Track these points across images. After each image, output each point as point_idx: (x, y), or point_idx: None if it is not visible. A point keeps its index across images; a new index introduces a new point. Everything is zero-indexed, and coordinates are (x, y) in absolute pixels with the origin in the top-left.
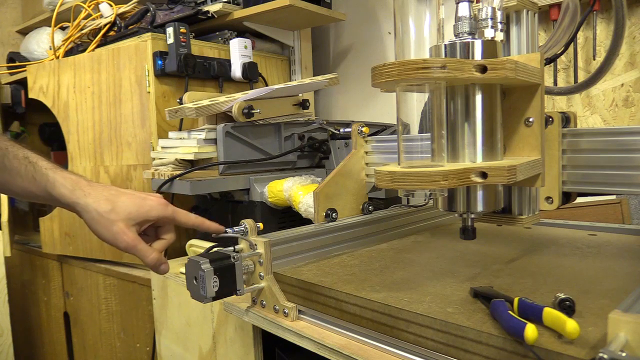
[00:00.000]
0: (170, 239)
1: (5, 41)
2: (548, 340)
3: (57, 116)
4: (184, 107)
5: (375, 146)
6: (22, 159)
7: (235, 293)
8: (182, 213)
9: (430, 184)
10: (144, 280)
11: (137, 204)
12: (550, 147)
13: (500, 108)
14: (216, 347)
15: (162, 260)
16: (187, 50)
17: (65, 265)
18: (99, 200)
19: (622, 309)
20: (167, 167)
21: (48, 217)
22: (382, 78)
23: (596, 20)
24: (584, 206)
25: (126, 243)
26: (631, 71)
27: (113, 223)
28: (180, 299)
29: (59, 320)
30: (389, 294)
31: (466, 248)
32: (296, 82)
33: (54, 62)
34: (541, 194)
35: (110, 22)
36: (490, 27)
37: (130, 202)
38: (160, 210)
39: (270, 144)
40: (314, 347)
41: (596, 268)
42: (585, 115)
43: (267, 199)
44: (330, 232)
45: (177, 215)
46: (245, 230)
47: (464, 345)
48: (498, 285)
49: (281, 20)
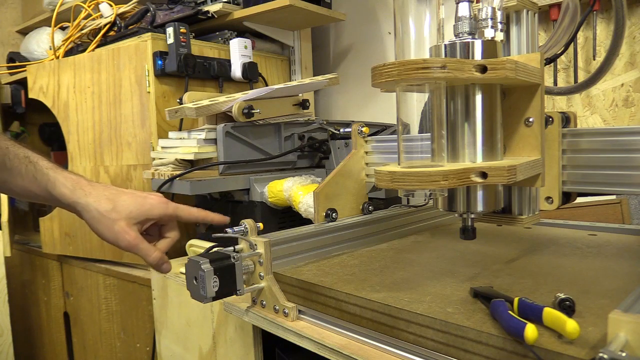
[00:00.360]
0: (174, 238)
1: (5, 41)
2: (548, 340)
3: (57, 116)
4: (184, 107)
5: (375, 146)
6: (23, 158)
7: (235, 293)
8: (184, 209)
9: (430, 184)
10: (144, 280)
11: (138, 202)
12: (550, 147)
13: (500, 108)
14: (216, 347)
15: (164, 259)
16: (187, 50)
17: (65, 265)
18: (100, 200)
19: (622, 309)
20: (167, 167)
21: (48, 217)
22: (382, 78)
23: (596, 20)
24: (584, 206)
25: (128, 242)
26: (631, 71)
27: (114, 222)
28: (180, 299)
29: (59, 320)
30: (389, 294)
31: (466, 248)
32: (296, 82)
33: (54, 62)
34: (541, 194)
35: (110, 22)
36: (490, 27)
37: (131, 201)
38: (161, 209)
39: (270, 144)
40: (314, 347)
41: (596, 268)
42: (585, 115)
43: (267, 199)
44: (330, 232)
45: (178, 211)
46: (245, 230)
47: (464, 345)
48: (498, 285)
49: (281, 20)
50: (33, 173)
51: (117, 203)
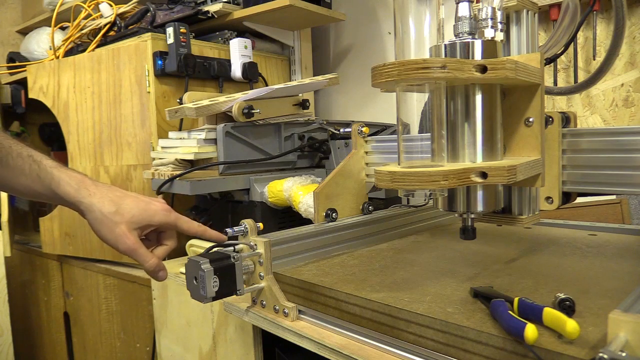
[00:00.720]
0: (172, 246)
1: (5, 41)
2: (548, 340)
3: (57, 116)
4: (184, 107)
5: (375, 146)
6: (26, 157)
7: (235, 293)
8: (185, 220)
9: (430, 184)
10: (144, 280)
11: (142, 207)
12: (550, 147)
13: (500, 108)
14: (216, 347)
15: (161, 266)
16: (187, 50)
17: (65, 265)
18: (104, 201)
19: (622, 309)
20: (167, 167)
21: (48, 217)
22: (382, 78)
23: (596, 20)
24: (584, 206)
25: (127, 246)
26: (631, 71)
27: (116, 225)
28: (180, 299)
29: (59, 320)
30: (389, 294)
31: (466, 248)
32: (296, 82)
33: (54, 62)
34: (541, 194)
35: (110, 22)
36: (490, 27)
37: (135, 205)
38: (163, 217)
39: (270, 144)
40: (314, 347)
41: (596, 268)
42: (585, 115)
43: (267, 199)
44: (330, 232)
45: (179, 222)
46: (245, 230)
47: (464, 345)
48: (498, 285)
49: (281, 20)
50: (37, 172)
51: (120, 206)
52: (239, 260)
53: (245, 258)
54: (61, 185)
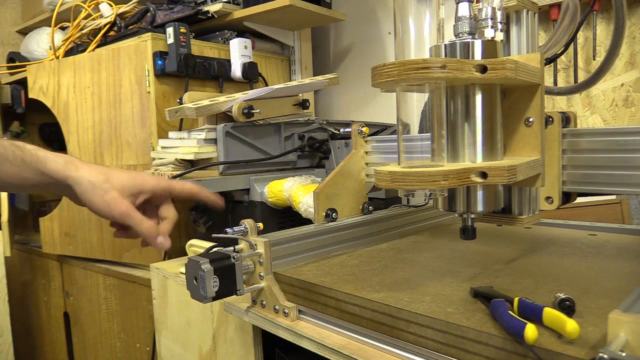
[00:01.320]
0: (173, 217)
1: (5, 41)
2: (548, 340)
3: (57, 116)
4: (184, 107)
5: (375, 146)
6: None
7: (235, 293)
8: (178, 183)
9: (430, 184)
10: (144, 280)
11: (131, 177)
12: (550, 147)
13: (500, 108)
14: (216, 347)
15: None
16: (187, 50)
17: (65, 265)
18: (92, 172)
19: (622, 309)
20: (167, 167)
21: (48, 217)
22: (382, 78)
23: (596, 20)
24: (584, 206)
25: (120, 211)
26: (631, 71)
27: (106, 192)
28: (180, 299)
29: (59, 320)
30: (389, 293)
31: (466, 248)
32: (296, 82)
33: (54, 62)
34: (541, 194)
35: (110, 22)
36: (490, 27)
37: (124, 175)
38: (154, 182)
39: (270, 144)
40: (314, 347)
41: (596, 268)
42: (585, 115)
43: (267, 199)
44: (330, 232)
45: (171, 186)
46: (245, 230)
47: (464, 345)
48: (498, 285)
49: (281, 20)
50: (21, 157)
51: (110, 176)
52: (239, 260)
53: (245, 258)
54: (48, 163)
